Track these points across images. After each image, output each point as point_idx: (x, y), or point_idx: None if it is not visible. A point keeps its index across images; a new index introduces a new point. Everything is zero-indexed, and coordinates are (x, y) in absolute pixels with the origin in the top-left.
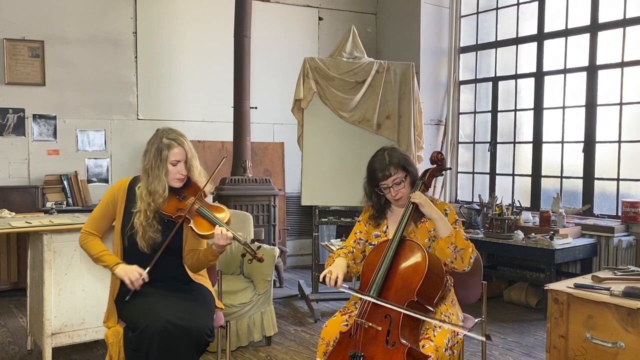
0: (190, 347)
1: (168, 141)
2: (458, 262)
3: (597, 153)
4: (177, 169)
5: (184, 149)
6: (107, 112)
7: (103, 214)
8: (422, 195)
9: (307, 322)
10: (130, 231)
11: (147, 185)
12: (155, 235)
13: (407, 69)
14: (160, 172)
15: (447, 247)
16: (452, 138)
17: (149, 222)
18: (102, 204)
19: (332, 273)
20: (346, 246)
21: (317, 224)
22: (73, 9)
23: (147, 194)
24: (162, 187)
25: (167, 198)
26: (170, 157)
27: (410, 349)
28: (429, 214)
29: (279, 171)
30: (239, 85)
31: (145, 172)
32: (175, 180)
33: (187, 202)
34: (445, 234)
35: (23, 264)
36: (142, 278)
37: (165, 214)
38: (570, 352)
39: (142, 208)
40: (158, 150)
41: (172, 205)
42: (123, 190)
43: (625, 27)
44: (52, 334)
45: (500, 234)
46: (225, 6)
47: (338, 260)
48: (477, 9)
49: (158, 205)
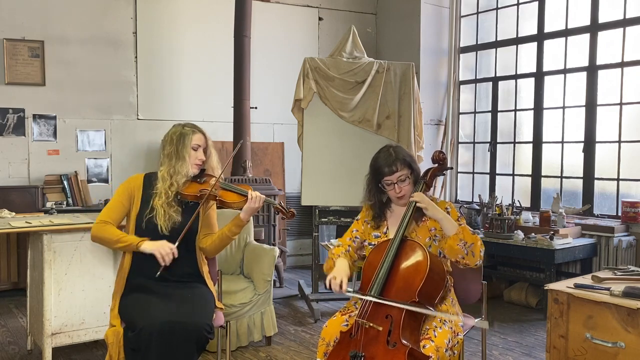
0: (191, 344)
1: (189, 128)
2: (469, 257)
3: (597, 153)
4: (197, 154)
5: (205, 136)
6: (107, 112)
7: (119, 206)
8: (424, 196)
9: (307, 322)
10: (149, 214)
11: (169, 168)
12: (175, 215)
13: (407, 69)
14: (185, 154)
15: (456, 244)
16: (452, 138)
17: (169, 203)
18: (117, 195)
19: (337, 278)
20: (343, 244)
21: (317, 224)
22: (73, 9)
23: (169, 175)
24: (186, 168)
25: (188, 183)
26: (193, 141)
27: (411, 349)
28: (433, 215)
29: (279, 171)
30: (239, 85)
31: (168, 157)
32: (193, 166)
33: (210, 182)
34: (452, 232)
35: (23, 264)
36: (173, 252)
37: (187, 194)
38: (570, 352)
39: (163, 189)
40: (181, 135)
41: (194, 188)
42: (140, 181)
43: (625, 27)
44: (52, 334)
45: (500, 234)
46: (225, 6)
47: (339, 262)
48: (477, 9)
49: (179, 186)
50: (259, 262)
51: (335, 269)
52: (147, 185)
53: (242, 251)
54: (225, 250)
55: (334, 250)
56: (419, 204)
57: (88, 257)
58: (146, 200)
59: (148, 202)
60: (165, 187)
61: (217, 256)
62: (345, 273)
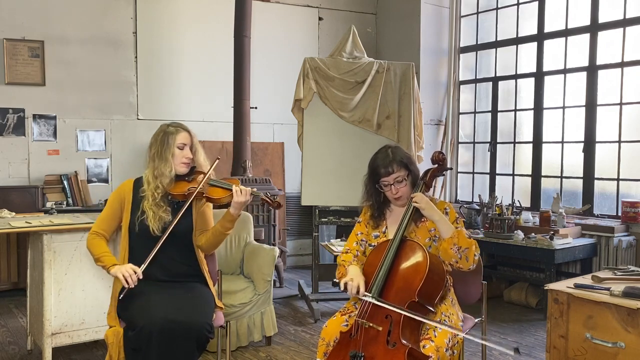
0: (191, 343)
1: (174, 128)
2: (463, 261)
3: (597, 153)
4: (184, 153)
5: (190, 134)
6: (107, 112)
7: (111, 213)
8: (423, 196)
9: (307, 322)
10: (141, 217)
11: (154, 170)
12: (165, 215)
13: (407, 69)
14: (168, 155)
15: (450, 248)
16: (452, 138)
17: (157, 203)
18: (109, 204)
19: (354, 281)
20: (350, 250)
21: (317, 224)
22: (73, 9)
23: (154, 178)
24: (169, 168)
25: (176, 182)
26: (177, 140)
27: (411, 349)
28: (429, 216)
29: (279, 171)
30: (239, 85)
31: (152, 159)
32: (181, 165)
33: (198, 180)
34: (448, 235)
35: (23, 264)
36: (137, 275)
37: (175, 194)
38: (570, 352)
39: (149, 191)
40: (165, 135)
41: (182, 187)
42: (129, 187)
43: (625, 27)
44: (52, 334)
45: (500, 234)
46: (225, 6)
47: (351, 268)
48: (477, 9)
49: (165, 187)
50: (259, 262)
51: (350, 273)
52: (136, 189)
53: (242, 251)
54: (225, 250)
55: (342, 257)
56: (416, 204)
57: (88, 257)
58: (136, 204)
59: (138, 205)
60: (152, 189)
61: (217, 256)
62: (361, 277)
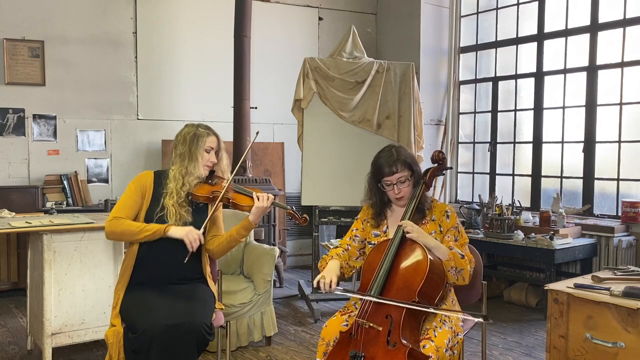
0: (190, 345)
1: (204, 130)
2: (460, 281)
3: (597, 153)
4: (209, 157)
5: (218, 139)
6: (107, 112)
7: (132, 203)
8: (413, 225)
9: (307, 322)
10: (160, 212)
11: (182, 168)
12: (186, 214)
13: (407, 69)
14: (198, 156)
15: (447, 270)
16: (452, 138)
17: (180, 203)
18: (130, 192)
19: (326, 278)
20: (341, 244)
21: (317, 224)
22: (73, 9)
23: (181, 176)
24: (199, 171)
25: (199, 184)
26: (206, 143)
27: (411, 349)
28: (424, 244)
29: (279, 171)
30: (239, 85)
31: (181, 157)
32: (204, 167)
33: (222, 185)
34: (444, 259)
35: (23, 264)
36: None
37: (199, 195)
38: (570, 352)
39: (175, 189)
40: (195, 136)
41: (205, 189)
42: (150, 179)
43: (625, 27)
44: (52, 334)
45: (500, 234)
46: (225, 6)
47: (331, 263)
48: (477, 9)
49: (191, 187)
50: (259, 262)
51: (325, 270)
52: (157, 183)
53: (242, 251)
54: None
55: (331, 251)
56: (408, 235)
57: (88, 257)
58: (156, 198)
59: (158, 200)
60: (177, 187)
61: None
62: (334, 273)
